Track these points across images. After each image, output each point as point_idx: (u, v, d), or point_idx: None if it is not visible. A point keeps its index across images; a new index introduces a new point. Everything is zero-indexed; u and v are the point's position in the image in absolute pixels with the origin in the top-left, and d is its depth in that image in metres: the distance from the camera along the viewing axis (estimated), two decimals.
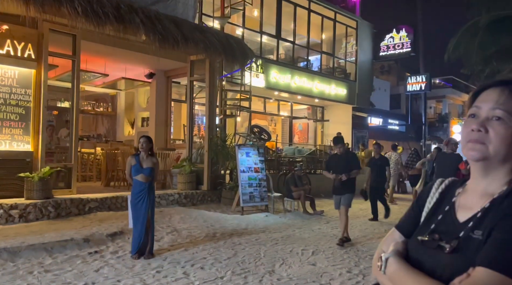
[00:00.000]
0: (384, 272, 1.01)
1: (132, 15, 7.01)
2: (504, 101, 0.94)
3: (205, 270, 4.57)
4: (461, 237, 0.94)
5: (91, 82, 11.53)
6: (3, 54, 6.59)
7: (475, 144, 0.96)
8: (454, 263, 0.91)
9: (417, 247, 1.03)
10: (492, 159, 0.95)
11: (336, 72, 17.80)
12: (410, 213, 1.15)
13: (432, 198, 1.10)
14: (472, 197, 1.01)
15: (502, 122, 0.94)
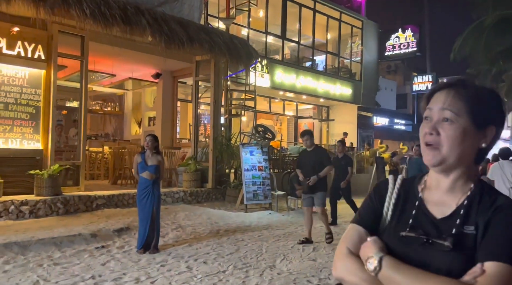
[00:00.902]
0: (378, 272, 0.96)
1: (138, 17, 7.18)
2: (450, 102, 1.01)
3: (207, 264, 4.72)
4: (454, 233, 0.97)
5: (99, 82, 11.75)
6: (14, 55, 6.80)
7: (429, 150, 1.02)
8: (452, 258, 0.95)
9: (401, 243, 1.02)
10: (447, 160, 1.01)
11: (342, 72, 17.86)
12: (370, 208, 1.13)
13: (392, 193, 1.11)
14: (439, 194, 1.06)
15: (451, 123, 1.00)
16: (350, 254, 1.04)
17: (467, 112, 1.00)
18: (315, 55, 16.73)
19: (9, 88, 6.81)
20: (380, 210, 1.11)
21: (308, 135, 6.01)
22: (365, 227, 1.09)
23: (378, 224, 1.10)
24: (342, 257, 1.05)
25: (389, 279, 0.94)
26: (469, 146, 1.01)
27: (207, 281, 4.14)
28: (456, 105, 1.01)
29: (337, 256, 1.07)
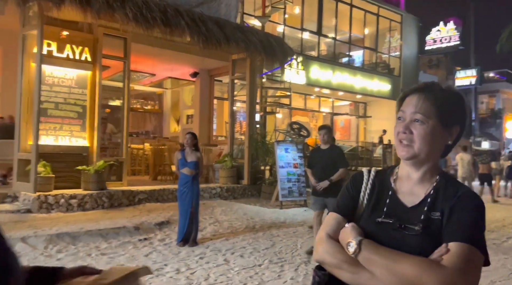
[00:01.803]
0: (358, 255, 1.06)
1: (178, 19, 7.44)
2: (421, 105, 1.14)
3: (244, 258, 4.87)
4: (422, 219, 1.10)
5: (140, 81, 12.22)
6: (64, 58, 7.24)
7: (403, 146, 1.15)
8: (422, 241, 1.07)
9: (377, 228, 1.13)
10: (418, 155, 1.14)
11: (379, 68, 17.52)
12: (347, 198, 1.25)
13: (367, 184, 1.24)
14: (410, 184, 1.19)
15: (422, 124, 1.13)
16: (329, 239, 1.15)
17: (436, 114, 1.13)
18: (352, 51, 16.51)
19: (59, 89, 7.27)
20: (356, 199, 1.23)
21: (326, 130, 5.39)
22: (343, 214, 1.20)
23: (355, 212, 1.21)
24: (322, 241, 1.15)
25: (368, 260, 1.05)
26: (437, 143, 1.15)
27: (243, 274, 4.29)
28: (426, 108, 1.13)
29: (318, 241, 1.17)
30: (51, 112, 7.16)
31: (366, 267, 1.05)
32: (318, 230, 4.41)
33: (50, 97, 7.14)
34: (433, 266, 0.99)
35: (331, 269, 1.12)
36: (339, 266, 1.09)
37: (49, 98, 7.14)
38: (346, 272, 1.08)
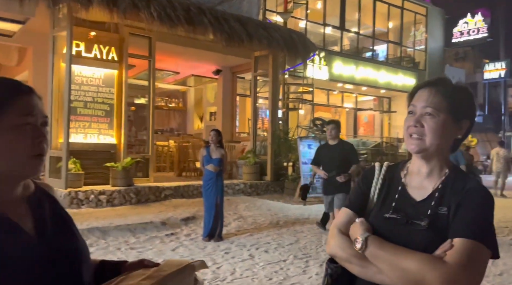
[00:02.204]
0: (364, 250, 1.09)
1: (201, 17, 7.52)
2: (432, 100, 1.15)
3: (269, 253, 4.92)
4: (429, 214, 1.11)
5: (164, 80, 12.42)
6: (91, 58, 7.45)
7: (414, 139, 1.16)
8: (428, 236, 1.09)
9: (385, 224, 1.16)
10: (429, 149, 1.15)
11: (404, 62, 17.19)
12: (358, 193, 1.28)
13: (378, 179, 1.26)
14: (419, 179, 1.20)
15: (432, 117, 1.14)
16: (340, 234, 1.19)
17: (447, 108, 1.14)
18: (375, 45, 16.26)
19: (87, 88, 7.49)
20: (367, 194, 1.26)
21: (334, 125, 5.24)
22: (354, 210, 1.24)
23: (366, 207, 1.24)
24: (334, 236, 1.20)
25: (374, 255, 1.08)
26: (447, 136, 1.16)
27: (269, 269, 4.34)
28: (437, 102, 1.15)
29: (330, 235, 1.23)
30: (80, 110, 7.39)
31: (372, 262, 1.09)
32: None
33: (79, 96, 7.38)
34: (436, 262, 1.01)
35: (342, 262, 1.17)
36: (348, 260, 1.14)
37: (78, 97, 7.37)
38: (355, 265, 1.13)
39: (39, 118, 0.91)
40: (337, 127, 5.22)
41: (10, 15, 8.25)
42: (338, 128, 5.24)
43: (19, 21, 8.50)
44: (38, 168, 0.92)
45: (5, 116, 0.87)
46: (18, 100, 0.89)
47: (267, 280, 4.01)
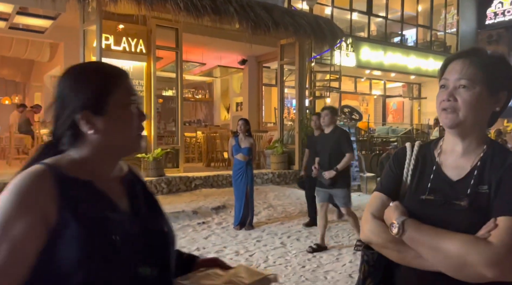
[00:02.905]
0: (401, 235, 1.04)
1: (226, 5, 7.48)
2: (466, 71, 1.07)
3: (300, 241, 4.90)
4: (469, 193, 1.05)
5: (190, 71, 12.50)
6: (120, 51, 7.57)
7: (447, 113, 1.09)
8: (469, 217, 1.02)
9: (421, 206, 1.10)
10: (464, 123, 1.08)
11: (435, 46, 16.61)
12: (390, 176, 1.21)
13: (410, 160, 1.19)
14: (455, 157, 1.13)
15: (467, 90, 1.07)
16: (374, 219, 1.13)
17: (482, 80, 1.06)
18: (404, 30, 15.78)
19: None
20: (400, 176, 1.19)
21: (328, 110, 4.71)
22: (387, 193, 1.18)
23: (399, 190, 1.17)
24: (368, 221, 1.15)
25: (412, 239, 1.03)
26: (484, 110, 1.09)
27: (301, 256, 4.32)
28: (471, 73, 1.07)
29: (364, 220, 1.17)
30: None
31: (411, 246, 1.04)
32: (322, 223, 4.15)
33: None
34: (479, 243, 0.96)
35: (378, 248, 1.13)
36: (385, 245, 1.10)
37: None
38: (392, 251, 1.08)
39: (139, 98, 1.00)
40: (331, 113, 4.72)
41: (42, 12, 8.48)
42: (333, 114, 4.73)
43: (51, 17, 8.74)
44: (141, 144, 1.02)
45: (117, 95, 0.95)
46: (125, 82, 0.98)
47: (300, 267, 4.00)
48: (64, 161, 0.93)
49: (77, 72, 0.98)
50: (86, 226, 0.85)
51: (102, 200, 0.92)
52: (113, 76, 0.97)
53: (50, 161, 0.91)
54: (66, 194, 0.86)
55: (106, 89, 0.94)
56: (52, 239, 0.83)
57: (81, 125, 0.93)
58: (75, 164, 0.93)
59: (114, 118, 0.94)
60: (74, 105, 0.93)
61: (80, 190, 0.89)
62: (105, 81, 0.95)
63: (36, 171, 0.86)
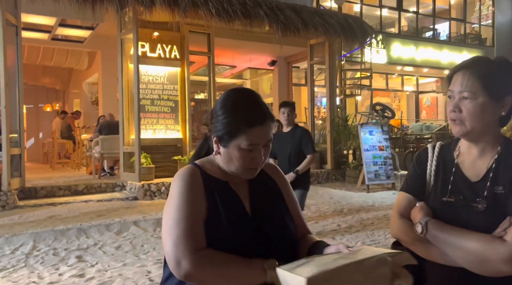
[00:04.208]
0: (425, 234, 1.14)
1: (256, 9, 7.63)
2: (467, 83, 1.14)
3: (336, 240, 4.96)
4: (486, 195, 1.12)
5: (221, 74, 12.75)
6: (156, 57, 7.86)
7: (455, 124, 1.16)
8: (487, 218, 1.10)
9: (443, 207, 1.18)
10: (471, 132, 1.15)
11: (469, 39, 16.12)
12: (415, 176, 1.29)
13: (432, 161, 1.27)
14: (472, 159, 1.20)
15: (470, 101, 1.13)
16: (402, 217, 1.23)
17: (483, 89, 1.11)
18: (436, 24, 15.41)
19: (153, 86, 7.93)
20: (423, 177, 1.27)
21: (290, 107, 4.35)
22: (412, 193, 1.27)
23: (424, 189, 1.26)
24: (396, 220, 1.25)
25: (435, 238, 1.13)
26: (489, 117, 1.15)
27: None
28: (472, 85, 1.13)
29: (392, 219, 1.28)
30: (148, 108, 7.85)
31: (434, 244, 1.14)
32: None
33: (146, 94, 7.83)
34: (496, 242, 1.04)
35: (407, 245, 1.22)
36: (412, 243, 1.19)
37: (146, 95, 7.82)
38: (419, 248, 1.18)
39: (262, 142, 1.16)
40: (291, 110, 4.38)
41: (81, 23, 8.93)
42: (293, 111, 4.40)
43: (90, 27, 9.19)
44: (251, 175, 1.19)
45: (239, 140, 1.13)
46: (251, 131, 1.13)
47: None
48: (207, 163, 1.22)
49: (225, 103, 1.20)
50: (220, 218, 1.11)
51: (233, 199, 1.17)
52: (246, 124, 1.13)
53: (198, 162, 1.23)
54: (209, 188, 1.15)
55: (233, 133, 1.13)
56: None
57: (214, 145, 1.19)
58: (215, 167, 1.21)
59: (230, 153, 1.15)
60: (212, 128, 1.18)
61: (219, 188, 1.17)
62: (236, 126, 1.13)
63: (190, 168, 1.19)
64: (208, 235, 1.10)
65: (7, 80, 6.35)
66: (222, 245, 1.09)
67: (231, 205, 1.16)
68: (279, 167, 1.38)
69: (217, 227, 1.11)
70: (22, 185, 6.79)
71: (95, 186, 7.33)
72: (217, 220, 1.12)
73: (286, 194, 1.27)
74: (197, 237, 1.08)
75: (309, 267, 0.94)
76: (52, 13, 7.71)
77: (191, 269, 1.03)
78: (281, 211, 1.22)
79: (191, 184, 1.14)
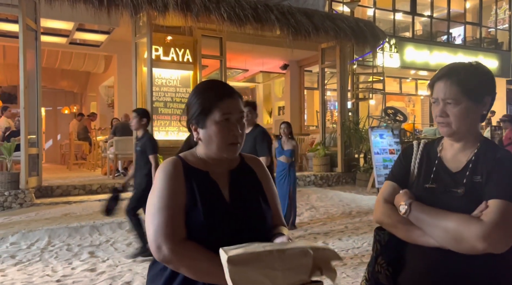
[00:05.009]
0: (408, 215, 1.23)
1: (268, 14, 7.75)
2: (449, 91, 1.25)
3: (342, 241, 5.01)
4: (465, 183, 1.23)
5: (234, 78, 12.91)
6: (169, 61, 8.05)
7: (442, 127, 1.28)
8: (464, 202, 1.20)
9: (426, 193, 1.29)
10: (457, 132, 1.29)
11: (485, 43, 15.93)
12: (401, 167, 1.41)
13: (417, 154, 1.39)
14: (454, 152, 1.33)
15: (454, 106, 1.25)
16: (386, 202, 1.33)
17: (464, 95, 1.23)
18: (451, 28, 15.29)
19: (166, 89, 8.11)
20: (408, 168, 1.39)
21: (250, 107, 4.13)
22: (397, 182, 1.38)
23: (408, 179, 1.37)
24: (380, 204, 1.34)
25: (417, 218, 1.22)
26: (472, 118, 1.28)
27: (343, 254, 4.44)
28: (453, 93, 1.25)
29: (376, 204, 1.37)
30: (161, 110, 8.03)
31: (416, 225, 1.22)
32: None
33: (159, 97, 8.02)
34: (472, 221, 1.13)
35: (389, 228, 1.31)
36: (394, 225, 1.28)
37: (159, 98, 8.01)
38: (401, 230, 1.27)
39: (235, 115, 1.25)
40: (252, 111, 4.20)
41: (98, 27, 9.21)
42: (254, 111, 4.22)
43: (106, 31, 9.46)
44: (232, 153, 1.27)
45: (213, 114, 1.23)
46: (222, 103, 1.24)
47: (342, 264, 4.13)
48: (189, 155, 1.31)
49: (196, 90, 1.31)
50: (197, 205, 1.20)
51: (213, 188, 1.25)
52: (215, 97, 1.24)
53: (181, 155, 1.32)
54: (188, 177, 1.24)
55: (207, 109, 1.23)
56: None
57: (193, 132, 1.28)
58: (197, 159, 1.29)
59: (209, 132, 1.24)
60: (189, 117, 1.29)
61: (199, 177, 1.25)
62: (208, 102, 1.24)
63: (172, 160, 1.28)
64: (187, 221, 1.19)
65: (26, 83, 6.60)
66: (199, 230, 1.18)
67: (209, 193, 1.23)
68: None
69: (194, 213, 1.19)
70: (39, 184, 7.02)
71: (108, 185, 7.52)
72: (194, 207, 1.20)
73: (265, 185, 1.36)
74: (177, 226, 1.17)
75: (239, 250, 1.01)
76: (70, 18, 7.97)
77: (170, 256, 1.14)
78: (259, 200, 1.31)
79: (172, 174, 1.22)
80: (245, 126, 1.28)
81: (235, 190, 1.29)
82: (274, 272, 0.99)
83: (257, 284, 0.98)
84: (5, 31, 9.38)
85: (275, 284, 0.99)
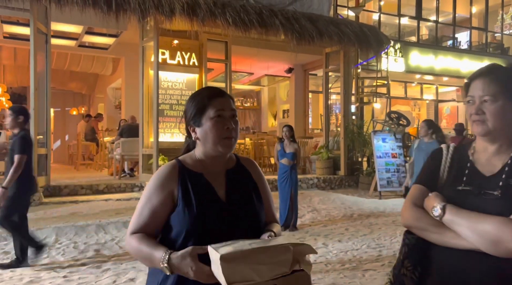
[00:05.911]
0: (442, 217, 1.21)
1: (272, 18, 7.88)
2: (487, 88, 1.25)
3: (342, 242, 5.10)
4: (501, 185, 1.23)
5: (239, 81, 13.05)
6: (175, 64, 8.20)
7: (478, 125, 1.27)
8: (501, 205, 1.18)
9: (458, 195, 1.26)
10: (493, 131, 1.26)
11: (491, 48, 15.91)
12: (429, 171, 1.40)
13: (447, 158, 1.38)
14: (487, 156, 1.31)
15: (491, 103, 1.25)
16: (416, 206, 1.31)
17: (502, 93, 1.25)
18: (457, 33, 15.31)
19: (172, 92, 8.27)
20: (436, 172, 1.37)
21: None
22: (425, 185, 1.35)
23: (436, 183, 1.35)
24: (409, 208, 1.32)
25: (452, 221, 1.20)
26: (509, 118, 1.26)
27: (341, 256, 4.54)
28: (492, 90, 1.25)
29: (404, 208, 1.34)
30: (167, 112, 8.18)
31: (450, 227, 1.20)
32: None
33: (165, 99, 8.17)
34: (510, 223, 1.11)
35: (419, 232, 1.28)
36: (425, 228, 1.26)
37: (165, 100, 8.16)
38: (432, 233, 1.24)
39: (227, 112, 1.36)
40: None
41: (106, 31, 9.40)
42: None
43: (114, 35, 9.65)
44: (227, 147, 1.36)
45: (208, 112, 1.34)
46: (214, 101, 1.36)
47: (340, 265, 4.22)
48: (187, 158, 1.40)
49: (190, 97, 1.44)
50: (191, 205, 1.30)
51: (207, 189, 1.34)
52: (208, 97, 1.36)
53: (180, 157, 1.41)
54: (183, 178, 1.33)
55: (201, 108, 1.35)
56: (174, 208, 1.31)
57: (192, 134, 1.39)
58: (194, 160, 1.39)
59: (205, 128, 1.34)
60: (187, 120, 1.40)
61: (193, 178, 1.34)
62: (202, 102, 1.36)
63: (170, 163, 1.38)
64: (181, 219, 1.29)
65: (36, 85, 6.79)
66: (195, 227, 1.27)
67: (203, 192, 1.33)
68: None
69: (188, 212, 1.29)
70: (48, 183, 7.20)
71: (115, 186, 7.68)
72: (188, 206, 1.29)
73: (260, 185, 1.46)
74: (143, 223, 1.31)
75: (228, 247, 1.13)
76: (79, 22, 8.18)
77: (125, 247, 1.34)
78: (253, 198, 1.41)
79: (165, 176, 1.33)
80: (238, 123, 1.38)
81: (232, 188, 1.38)
82: (260, 267, 1.12)
83: (246, 277, 1.11)
84: (17, 34, 9.62)
85: (261, 277, 1.12)
